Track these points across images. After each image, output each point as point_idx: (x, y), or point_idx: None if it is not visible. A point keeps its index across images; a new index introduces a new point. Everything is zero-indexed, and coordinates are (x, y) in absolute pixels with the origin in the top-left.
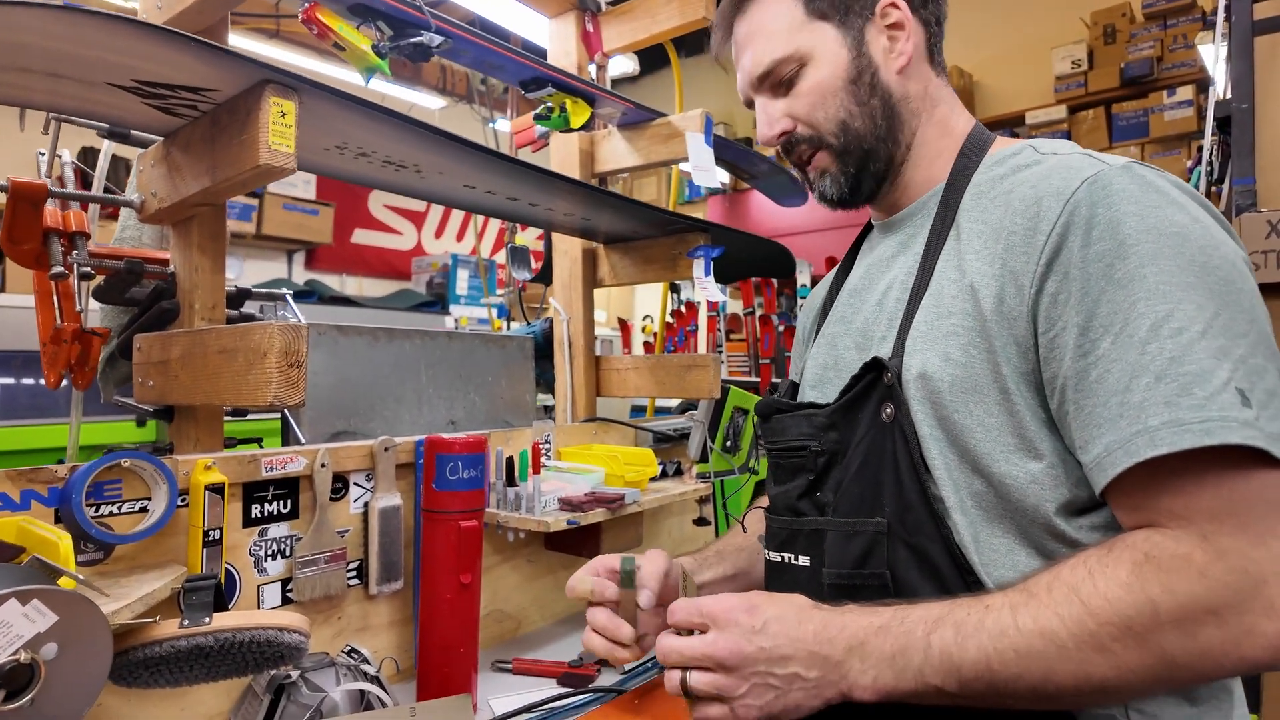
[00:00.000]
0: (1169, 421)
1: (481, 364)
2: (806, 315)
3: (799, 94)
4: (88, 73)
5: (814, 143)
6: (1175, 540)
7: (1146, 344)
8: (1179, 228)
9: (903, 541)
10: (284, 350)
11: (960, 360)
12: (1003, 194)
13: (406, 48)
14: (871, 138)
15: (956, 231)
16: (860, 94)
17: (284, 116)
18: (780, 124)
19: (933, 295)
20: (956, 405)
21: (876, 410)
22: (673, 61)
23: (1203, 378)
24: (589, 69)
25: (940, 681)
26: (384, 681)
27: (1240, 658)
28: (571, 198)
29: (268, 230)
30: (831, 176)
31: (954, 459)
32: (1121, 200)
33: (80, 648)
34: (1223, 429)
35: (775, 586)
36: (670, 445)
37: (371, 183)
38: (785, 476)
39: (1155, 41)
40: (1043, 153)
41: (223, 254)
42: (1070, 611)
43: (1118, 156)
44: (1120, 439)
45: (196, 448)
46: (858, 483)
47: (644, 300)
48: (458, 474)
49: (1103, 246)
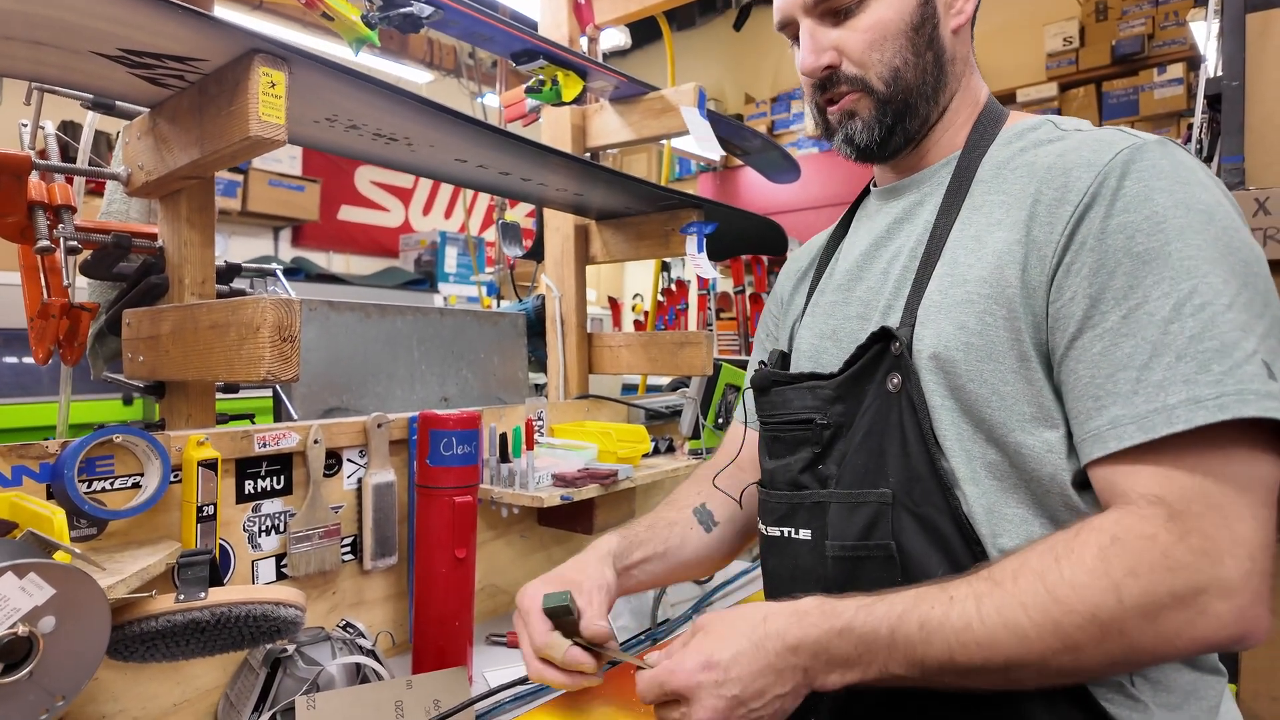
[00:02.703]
0: (1187, 399)
1: (474, 341)
2: (787, 280)
3: (857, 28)
4: (72, 40)
5: (857, 84)
6: (1142, 520)
7: (1169, 323)
8: (1206, 206)
9: (909, 511)
10: (277, 324)
11: (975, 329)
12: (1025, 165)
13: (396, 18)
14: (917, 93)
15: (973, 201)
16: (919, 43)
17: (274, 87)
18: (827, 55)
19: (946, 265)
20: (971, 374)
21: (883, 381)
22: (665, 35)
23: (1224, 352)
24: (580, 41)
25: (904, 672)
26: (379, 655)
27: (1194, 638)
28: (564, 172)
29: (253, 207)
30: (864, 122)
31: (967, 429)
32: (1153, 175)
33: (78, 621)
34: (1237, 403)
35: (774, 561)
36: (662, 422)
37: (362, 156)
38: (785, 450)
39: (1146, 19)
40: (1064, 129)
41: (212, 228)
42: (1035, 600)
43: (1149, 134)
44: (1134, 414)
45: (189, 424)
46: (862, 454)
47: (634, 279)
48: (452, 450)
49: (1126, 218)
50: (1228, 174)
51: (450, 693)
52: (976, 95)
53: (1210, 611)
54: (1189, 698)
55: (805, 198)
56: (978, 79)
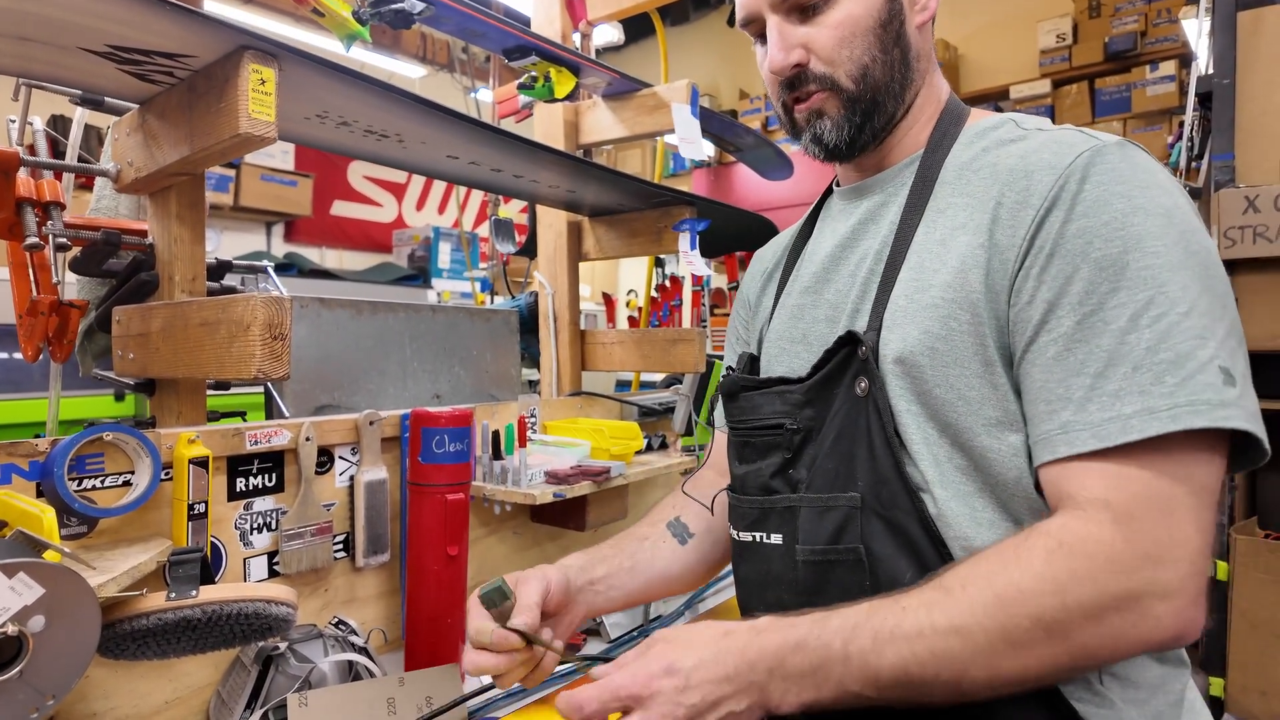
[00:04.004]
0: (1142, 410)
1: (466, 337)
2: (753, 282)
3: (825, 24)
4: (59, 36)
5: (825, 83)
6: (1089, 524)
7: (1126, 333)
8: (1165, 209)
9: (878, 515)
10: (268, 322)
11: (940, 333)
12: (988, 166)
13: (388, 14)
14: (885, 90)
15: (936, 204)
16: (887, 40)
17: (264, 84)
18: (796, 53)
19: (911, 268)
20: (937, 379)
21: (851, 385)
22: (658, 31)
23: (1178, 363)
24: (573, 37)
25: (859, 688)
26: (372, 652)
27: (1137, 638)
28: (556, 169)
29: (245, 202)
30: (833, 121)
31: (934, 433)
32: (1112, 179)
33: (68, 620)
34: (1189, 414)
35: (746, 567)
36: (655, 419)
37: (353, 153)
38: (755, 455)
39: (1139, 16)
40: (1026, 128)
41: (202, 224)
42: (984, 605)
43: (1109, 134)
44: (1087, 421)
45: (179, 421)
46: (831, 458)
47: (628, 275)
48: (444, 447)
49: (1084, 223)
50: (1218, 171)
51: (442, 690)
52: (939, 93)
53: (1151, 613)
54: (1155, 692)
55: (799, 193)
56: (939, 76)
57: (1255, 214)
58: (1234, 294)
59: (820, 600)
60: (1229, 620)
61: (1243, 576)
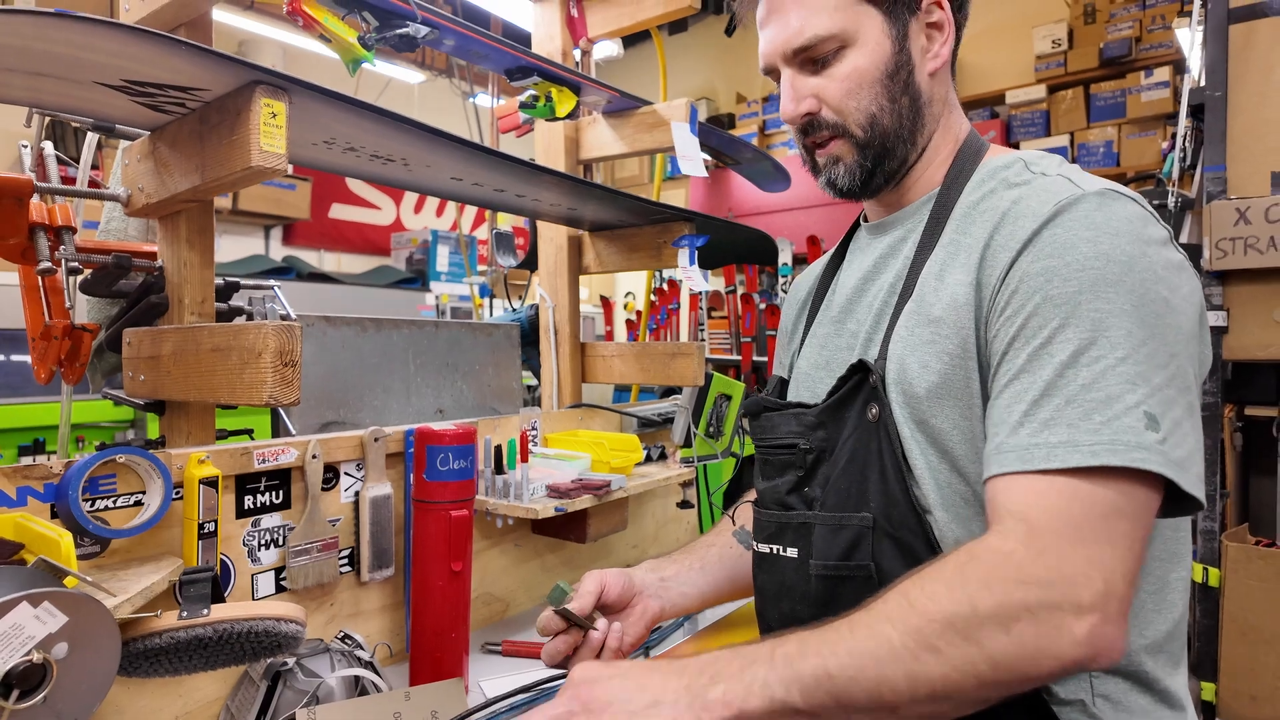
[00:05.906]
0: (1066, 441)
1: (468, 352)
2: (790, 309)
3: (834, 76)
4: (74, 72)
5: (836, 130)
6: (1002, 537)
7: (1066, 368)
8: (1128, 257)
9: (888, 535)
10: (279, 350)
11: (935, 367)
12: (989, 209)
13: (393, 38)
14: (894, 136)
15: (944, 240)
16: (894, 90)
17: (275, 117)
18: (806, 104)
19: (915, 302)
20: (933, 410)
21: (863, 410)
22: (657, 46)
23: (1107, 404)
24: (573, 54)
25: (784, 694)
26: (377, 666)
27: (1054, 655)
28: (557, 189)
29: (244, 205)
30: (846, 166)
31: (935, 459)
32: (1081, 224)
33: (89, 646)
34: (1108, 451)
35: (763, 577)
36: (654, 430)
37: (359, 175)
38: (774, 472)
39: (1134, 21)
40: (1033, 172)
41: (211, 248)
42: (899, 613)
43: (1100, 180)
44: (1017, 444)
45: (188, 441)
46: (844, 479)
47: (626, 276)
48: (448, 465)
49: (1048, 263)
50: (1210, 183)
51: (448, 704)
52: (956, 133)
53: (1065, 628)
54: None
55: (795, 198)
56: (958, 116)
57: (1246, 225)
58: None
59: (831, 611)
60: (1220, 626)
61: (1234, 583)
